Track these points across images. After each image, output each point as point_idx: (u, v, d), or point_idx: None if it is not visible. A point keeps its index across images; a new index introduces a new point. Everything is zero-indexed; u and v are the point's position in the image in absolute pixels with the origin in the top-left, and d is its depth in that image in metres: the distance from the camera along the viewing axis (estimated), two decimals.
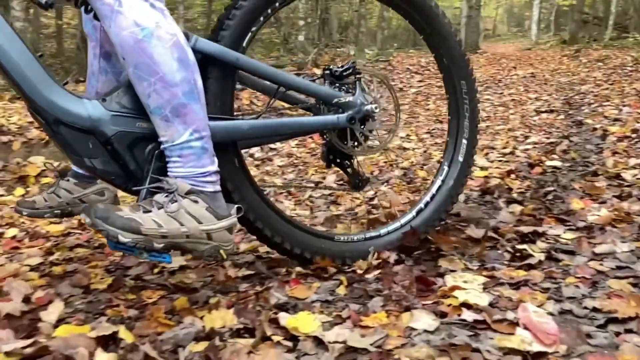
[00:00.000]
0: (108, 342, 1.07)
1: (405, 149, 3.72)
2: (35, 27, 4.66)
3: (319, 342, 1.05)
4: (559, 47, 13.96)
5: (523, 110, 5.30)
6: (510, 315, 1.10)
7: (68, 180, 1.63)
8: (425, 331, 1.08)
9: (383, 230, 1.59)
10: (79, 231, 2.07)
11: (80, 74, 6.49)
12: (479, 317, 1.11)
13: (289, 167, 3.68)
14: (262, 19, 1.40)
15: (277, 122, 1.48)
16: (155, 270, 1.55)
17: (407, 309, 1.18)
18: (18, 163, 3.18)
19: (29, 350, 1.02)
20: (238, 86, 1.46)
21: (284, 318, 1.12)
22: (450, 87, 1.67)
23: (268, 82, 1.47)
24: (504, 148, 3.43)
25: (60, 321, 1.20)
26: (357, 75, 1.50)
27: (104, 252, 1.80)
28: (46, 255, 1.76)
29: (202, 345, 1.04)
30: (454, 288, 1.25)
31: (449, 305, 1.18)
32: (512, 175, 2.54)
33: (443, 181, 1.66)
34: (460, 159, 1.66)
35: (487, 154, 3.28)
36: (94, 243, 1.94)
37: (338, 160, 1.58)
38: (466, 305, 1.17)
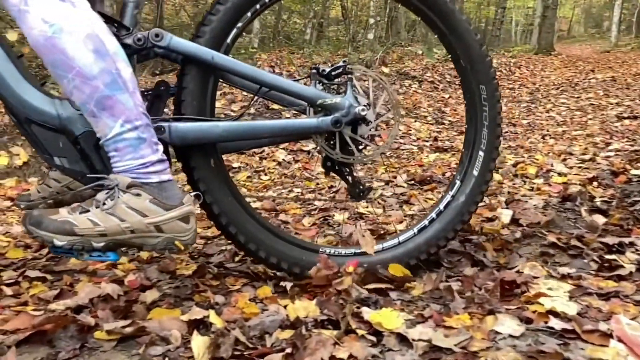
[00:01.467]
0: (199, 326, 1.12)
1: None
2: None
3: (402, 338, 1.06)
4: None
5: (603, 115, 5.06)
6: (602, 326, 1.06)
7: (56, 170, 1.64)
8: (511, 336, 1.06)
9: (377, 247, 1.47)
10: None
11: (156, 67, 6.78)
12: (567, 326, 1.08)
13: (357, 165, 3.70)
14: (249, 14, 1.32)
15: (253, 125, 1.37)
16: (237, 259, 1.61)
17: (491, 312, 1.16)
18: None
19: (128, 329, 1.08)
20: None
21: (367, 313, 1.13)
22: (468, 92, 1.50)
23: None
24: (583, 154, 3.30)
25: (151, 304, 1.27)
26: (348, 75, 1.38)
27: None
28: None
29: (287, 333, 1.07)
30: (538, 295, 1.22)
31: (534, 311, 1.15)
32: (595, 183, 2.43)
33: (453, 197, 1.50)
34: (475, 173, 1.49)
35: (565, 159, 3.17)
36: None
37: (337, 168, 1.45)
38: (553, 313, 1.14)
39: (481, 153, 1.49)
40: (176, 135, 1.26)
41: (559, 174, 2.70)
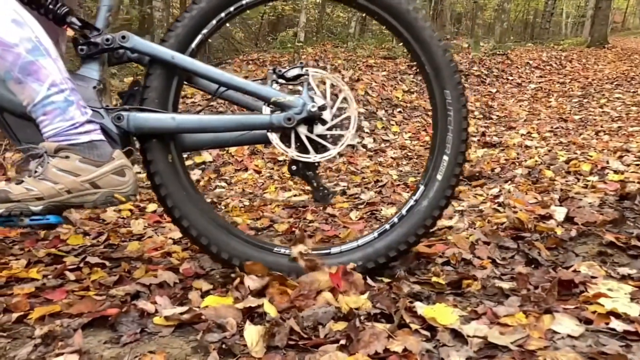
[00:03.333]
0: (252, 314, 1.14)
1: (527, 147, 3.55)
2: (166, 16, 4.98)
3: (456, 334, 1.05)
4: None
5: None
6: None
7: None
8: (569, 336, 1.03)
9: (335, 249, 1.46)
10: None
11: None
12: (629, 327, 1.04)
13: (403, 160, 3.67)
14: (215, 22, 1.40)
15: (207, 119, 1.39)
16: None
17: (547, 311, 1.13)
18: None
19: (185, 316, 1.11)
20: None
21: (420, 308, 1.13)
22: (433, 97, 1.49)
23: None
24: None
25: (205, 292, 1.30)
26: (304, 76, 1.41)
27: None
28: None
29: (341, 325, 1.08)
30: (598, 295, 1.19)
31: (594, 312, 1.12)
32: None
33: (416, 201, 1.46)
34: (439, 177, 1.46)
35: (621, 156, 3.05)
36: None
37: (301, 171, 1.45)
38: (614, 314, 1.10)
39: (445, 157, 1.46)
40: (134, 124, 1.32)
41: (615, 172, 2.60)
